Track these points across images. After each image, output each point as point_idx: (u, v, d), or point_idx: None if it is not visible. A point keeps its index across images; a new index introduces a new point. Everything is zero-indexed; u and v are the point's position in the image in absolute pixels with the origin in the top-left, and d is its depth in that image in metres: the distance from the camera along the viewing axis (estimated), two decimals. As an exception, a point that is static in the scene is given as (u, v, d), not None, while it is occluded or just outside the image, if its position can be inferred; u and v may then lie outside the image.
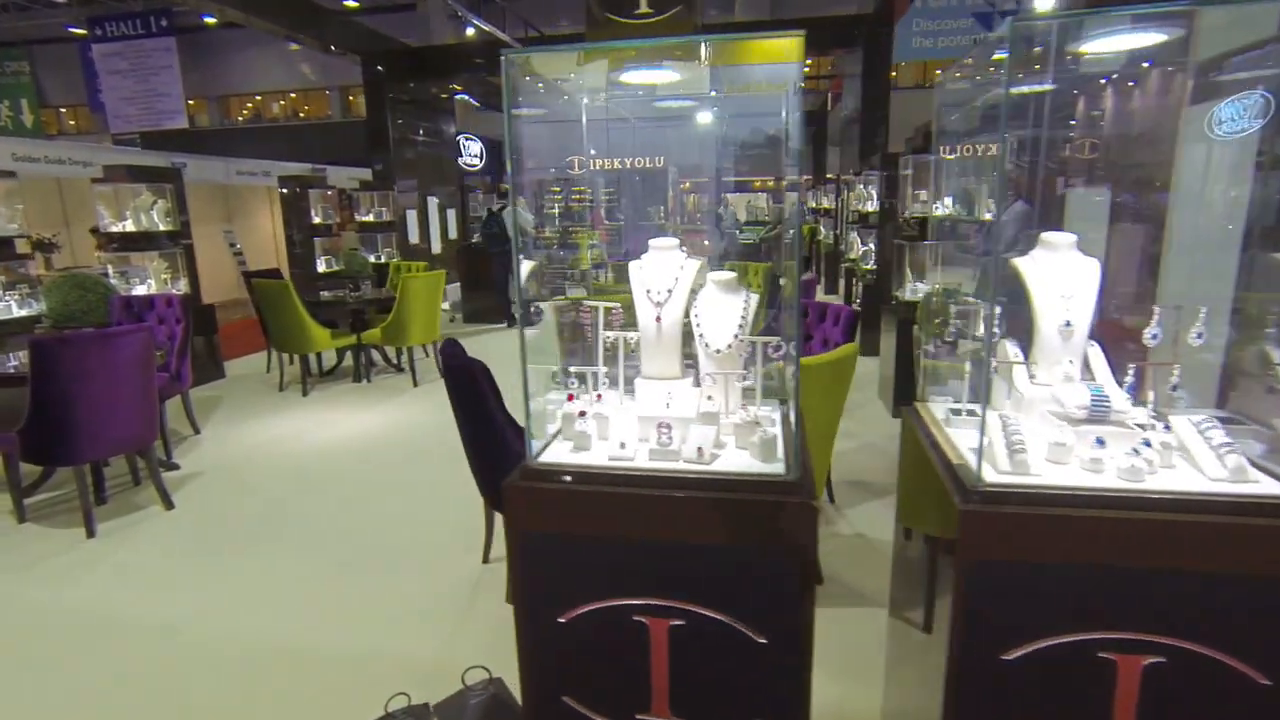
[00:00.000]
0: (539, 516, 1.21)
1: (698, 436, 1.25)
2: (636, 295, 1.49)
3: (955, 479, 1.19)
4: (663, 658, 1.19)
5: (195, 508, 3.89)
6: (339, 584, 3.09)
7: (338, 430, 5.15)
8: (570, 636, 1.23)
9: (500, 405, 2.66)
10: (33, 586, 3.10)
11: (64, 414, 3.39)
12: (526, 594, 1.23)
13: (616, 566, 1.21)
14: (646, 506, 1.18)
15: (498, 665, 2.51)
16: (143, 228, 6.07)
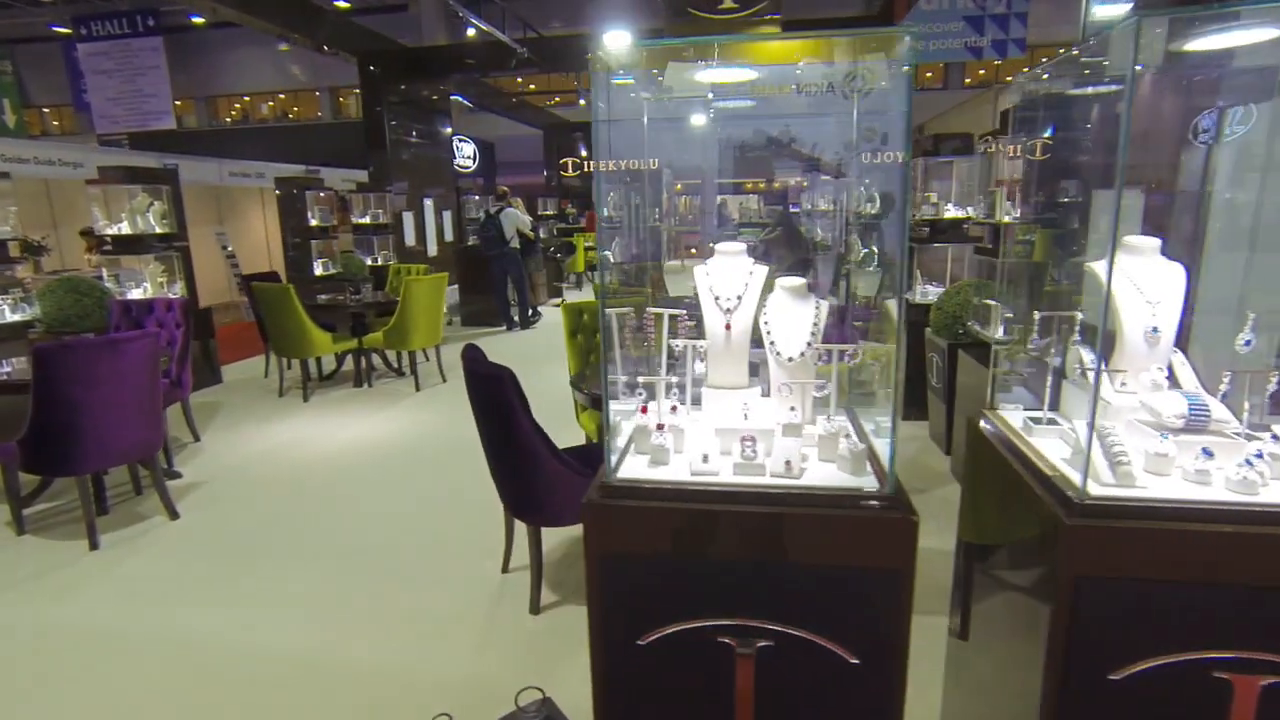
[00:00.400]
0: (619, 535, 1.15)
1: (784, 449, 1.20)
2: (704, 301, 1.43)
3: (1055, 491, 1.14)
4: (748, 681, 1.14)
5: (201, 518, 3.78)
6: (357, 595, 3.00)
7: (342, 436, 5.05)
8: (649, 660, 1.17)
9: (528, 414, 2.59)
10: (38, 602, 2.99)
11: (68, 422, 3.28)
12: (604, 616, 1.16)
13: (701, 586, 1.15)
14: (734, 523, 1.13)
15: (530, 680, 2.45)
16: (138, 230, 5.93)
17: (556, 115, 16.29)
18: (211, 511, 3.86)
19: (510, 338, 8.71)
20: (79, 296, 5.35)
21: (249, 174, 10.93)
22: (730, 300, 1.40)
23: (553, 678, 2.46)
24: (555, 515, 2.80)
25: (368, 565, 3.25)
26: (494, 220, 8.08)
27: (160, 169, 6.33)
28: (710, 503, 1.15)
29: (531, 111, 15.54)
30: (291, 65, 20.65)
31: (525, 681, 2.44)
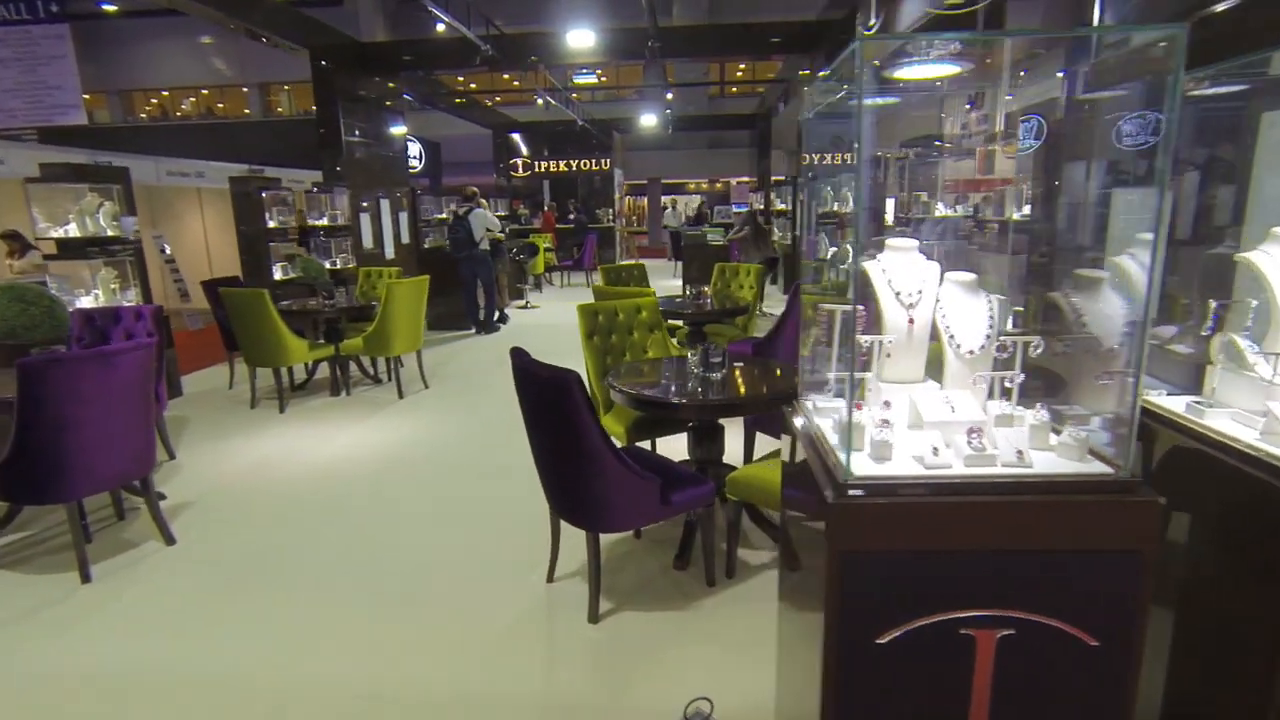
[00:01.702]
0: (862, 533, 1.12)
1: (1009, 439, 1.19)
2: (883, 296, 1.41)
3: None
4: (986, 671, 1.12)
5: (198, 542, 3.51)
6: (393, 620, 2.83)
7: (332, 449, 4.79)
8: (886, 658, 1.14)
9: (596, 418, 2.51)
10: (33, 643, 2.70)
11: (54, 445, 2.98)
12: (840, 616, 1.13)
13: (943, 579, 1.13)
14: (979, 514, 1.11)
15: (616, 690, 2.37)
16: (88, 232, 5.47)
17: (505, 115, 15.99)
18: (207, 534, 3.58)
19: (483, 341, 8.48)
20: (25, 305, 4.86)
21: (188, 173, 10.26)
22: (911, 295, 1.38)
23: (630, 687, 2.39)
24: (619, 521, 2.73)
25: (395, 585, 3.08)
26: (463, 221, 7.84)
27: (111, 167, 5.86)
28: (954, 495, 1.13)
29: (480, 111, 15.21)
30: (215, 59, 19.54)
31: (604, 693, 2.37)
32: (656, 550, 3.30)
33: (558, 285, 13.04)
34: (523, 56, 8.86)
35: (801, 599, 1.42)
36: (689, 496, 2.82)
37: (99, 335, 4.42)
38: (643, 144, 19.16)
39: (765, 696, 2.32)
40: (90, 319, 4.43)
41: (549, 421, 2.62)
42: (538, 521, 3.61)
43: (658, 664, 2.51)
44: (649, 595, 2.95)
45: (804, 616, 1.41)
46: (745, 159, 18.96)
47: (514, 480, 4.17)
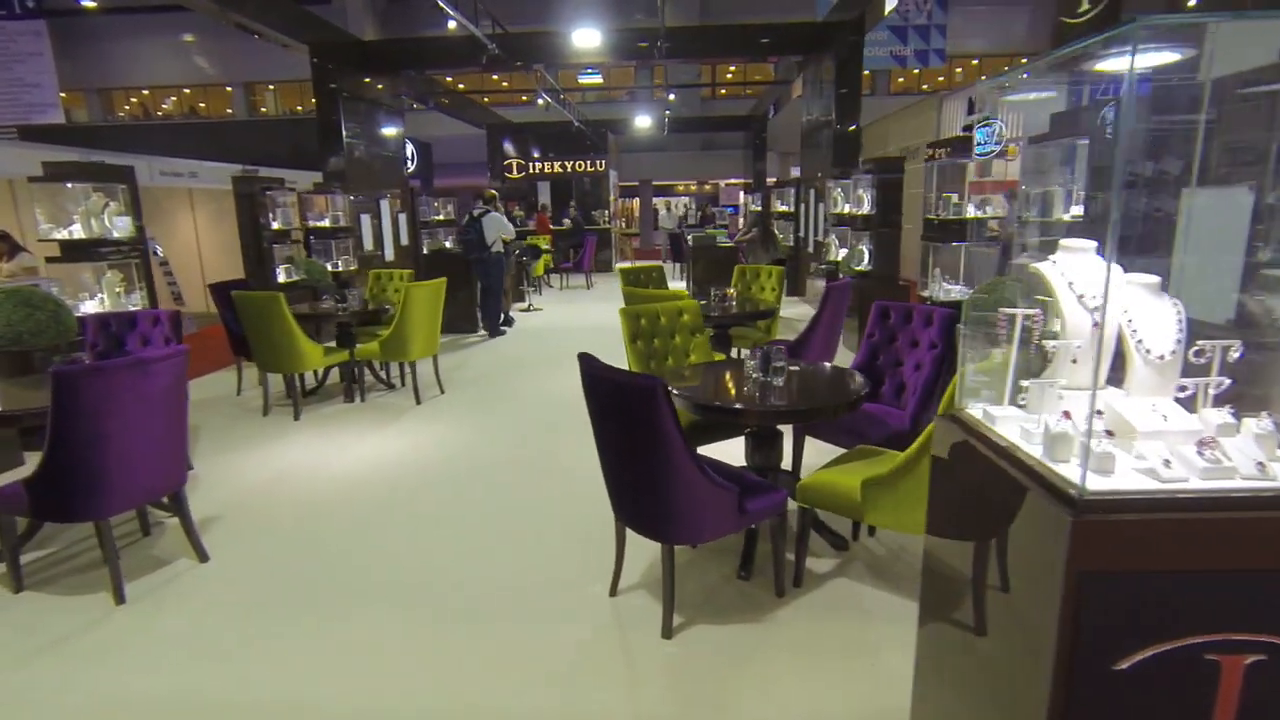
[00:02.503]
0: (1104, 554, 1.04)
1: (1243, 450, 1.12)
2: (1064, 300, 1.33)
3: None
4: (1231, 699, 1.05)
5: (231, 559, 3.35)
6: (452, 637, 2.70)
7: (356, 457, 4.63)
8: (1127, 686, 1.06)
9: (680, 428, 2.41)
10: (74, 671, 2.53)
11: (89, 459, 2.81)
12: (1075, 640, 1.04)
13: (1187, 601, 1.05)
14: (1226, 531, 1.04)
15: (704, 706, 2.28)
16: (94, 234, 5.25)
17: (499, 116, 15.82)
18: (240, 550, 3.42)
19: (492, 344, 8.32)
20: (31, 310, 4.65)
21: (181, 173, 9.98)
22: (1095, 298, 1.31)
23: (720, 703, 2.30)
24: (695, 532, 2.64)
25: (449, 601, 2.95)
26: (476, 223, 7.70)
27: (117, 166, 5.64)
28: (1198, 511, 1.05)
29: (475, 111, 15.02)
30: (197, 57, 19.13)
31: (694, 710, 2.27)
32: (715, 560, 3.21)
33: (557, 288, 12.90)
34: (528, 56, 8.74)
35: (995, 620, 1.32)
36: (763, 505, 2.73)
37: (114, 341, 4.23)
38: (634, 145, 19.09)
39: (876, 707, 2.24)
40: (105, 324, 4.24)
41: (626, 429, 2.52)
42: (589, 531, 3.52)
43: (743, 678, 2.43)
44: (717, 607, 2.86)
45: (992, 640, 1.32)
46: (737, 161, 18.97)
47: (555, 489, 4.06)
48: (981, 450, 1.30)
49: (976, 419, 1.41)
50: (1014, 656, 1.21)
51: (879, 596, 2.91)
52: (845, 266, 7.66)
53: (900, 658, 2.50)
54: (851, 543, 3.34)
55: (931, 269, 5.33)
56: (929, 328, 3.67)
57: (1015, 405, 1.38)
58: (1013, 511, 1.21)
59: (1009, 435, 1.29)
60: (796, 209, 10.52)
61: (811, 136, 9.99)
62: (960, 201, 4.93)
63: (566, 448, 4.76)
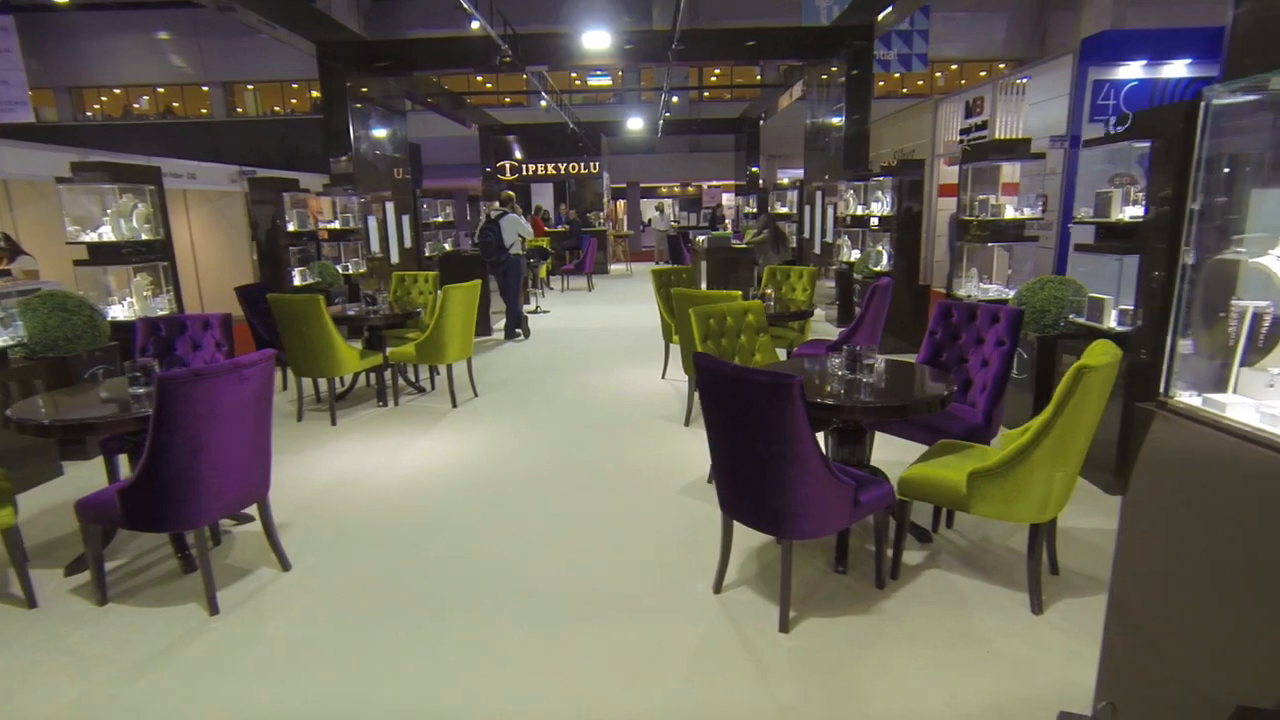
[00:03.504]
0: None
1: None
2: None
3: None
4: None
5: (312, 567, 3.28)
6: (563, 640, 2.69)
7: (407, 462, 4.57)
8: None
9: (810, 424, 2.45)
10: (191, 684, 2.46)
11: (187, 467, 2.74)
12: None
13: None
14: None
15: (846, 698, 2.30)
16: (123, 236, 5.10)
17: (493, 117, 15.70)
18: (318, 559, 3.35)
19: (510, 347, 8.25)
20: (66, 315, 4.53)
21: (180, 174, 9.68)
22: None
23: (860, 694, 2.33)
24: (818, 526, 2.67)
25: (549, 603, 2.93)
26: (494, 226, 7.64)
27: (145, 166, 5.48)
28: None
29: (467, 112, 14.89)
30: (173, 56, 18.62)
31: (836, 703, 2.30)
32: (806, 555, 3.25)
33: (557, 290, 12.84)
34: (540, 57, 8.70)
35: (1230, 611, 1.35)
36: (872, 498, 2.78)
37: (164, 346, 4.12)
38: (621, 148, 19.11)
39: (1010, 696, 2.29)
40: (155, 328, 4.12)
41: (753, 425, 2.54)
42: (671, 531, 3.54)
43: (871, 669, 2.46)
44: (821, 600, 2.90)
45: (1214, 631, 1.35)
46: (725, 163, 19.11)
47: (626, 490, 4.06)
48: (1228, 438, 1.35)
49: (1199, 407, 1.46)
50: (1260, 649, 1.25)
51: (974, 586, 2.98)
52: (862, 267, 7.78)
53: (1017, 645, 2.57)
54: (934, 535, 3.41)
55: (965, 269, 5.45)
56: (995, 325, 3.76)
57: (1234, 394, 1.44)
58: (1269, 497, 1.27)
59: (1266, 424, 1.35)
60: (800, 211, 10.65)
61: (817, 139, 10.12)
62: (999, 202, 5.06)
63: (626, 449, 4.76)
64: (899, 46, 18.55)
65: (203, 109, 19.74)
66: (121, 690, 2.44)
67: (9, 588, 3.11)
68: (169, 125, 18.38)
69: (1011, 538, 3.38)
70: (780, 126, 16.79)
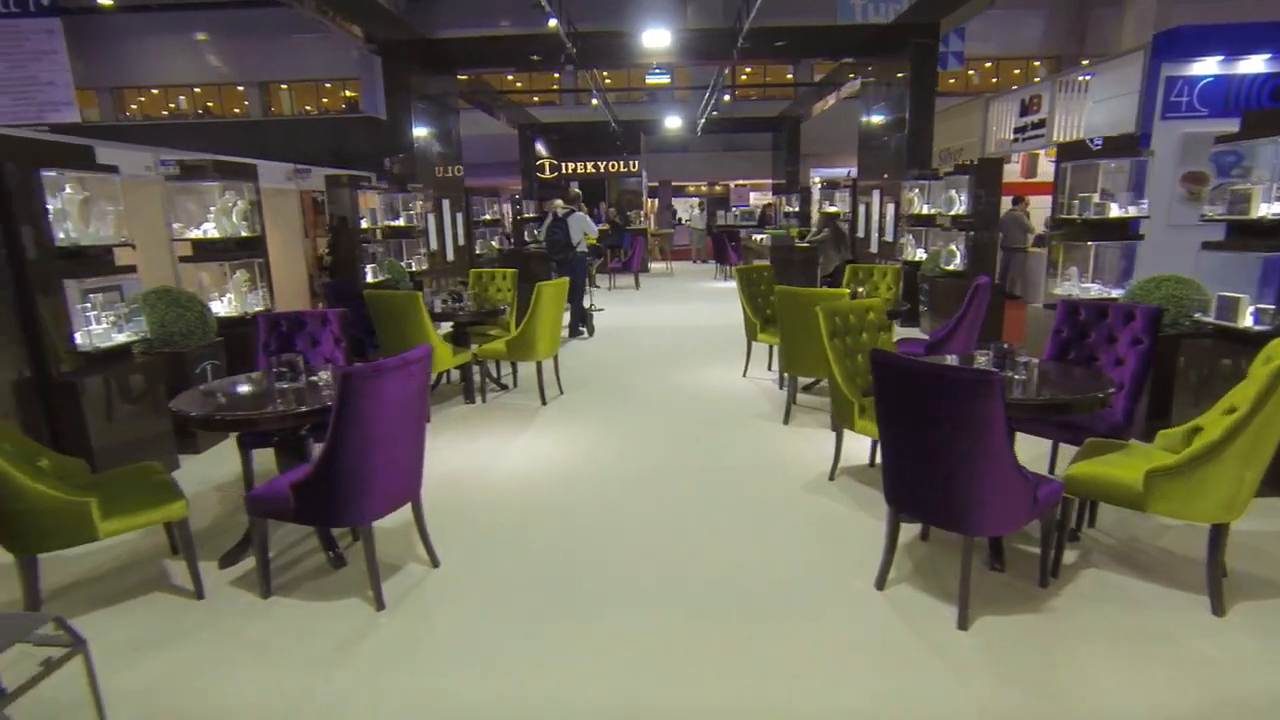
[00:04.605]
0: None
1: None
2: None
3: None
4: None
5: (459, 563, 3.28)
6: (733, 637, 2.67)
7: (516, 459, 4.57)
8: None
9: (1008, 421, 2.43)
10: (387, 677, 2.47)
11: (362, 462, 2.75)
12: None
13: None
14: None
15: (1050, 695, 2.27)
16: (225, 233, 5.13)
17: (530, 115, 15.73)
18: (460, 555, 3.35)
19: (576, 344, 8.25)
20: (181, 310, 4.57)
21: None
22: None
23: (1064, 693, 2.30)
24: (1003, 522, 2.65)
25: (710, 601, 2.91)
26: (562, 224, 7.65)
27: (244, 164, 5.52)
28: None
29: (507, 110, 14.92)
30: (211, 56, 18.77)
31: (1041, 701, 2.27)
32: (953, 553, 3.23)
33: (604, 288, 12.84)
34: (602, 56, 8.70)
35: None
36: (1048, 495, 2.76)
37: (285, 341, 4.14)
38: (655, 146, 19.09)
39: (1217, 698, 2.26)
40: (276, 324, 4.13)
41: (945, 421, 2.52)
42: (806, 526, 3.55)
43: (1062, 667, 2.44)
44: (987, 598, 2.87)
45: None
46: (760, 162, 19.07)
47: (744, 487, 4.06)
48: None
49: None
50: None
51: (1141, 586, 2.95)
52: (931, 266, 7.74)
53: (1206, 647, 2.54)
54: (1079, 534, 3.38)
55: (1062, 268, 5.41)
56: (1129, 324, 3.72)
57: None
58: None
59: None
60: (854, 210, 10.60)
61: (873, 138, 10.07)
62: (1102, 201, 5.01)
63: (731, 447, 4.74)
64: (935, 45, 18.46)
65: (235, 109, 19.89)
66: (313, 682, 2.45)
67: (172, 579, 3.13)
68: (212, 124, 18.49)
69: (1163, 538, 3.35)
70: (816, 126, 16.73)
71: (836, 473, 4.13)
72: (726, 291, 12.72)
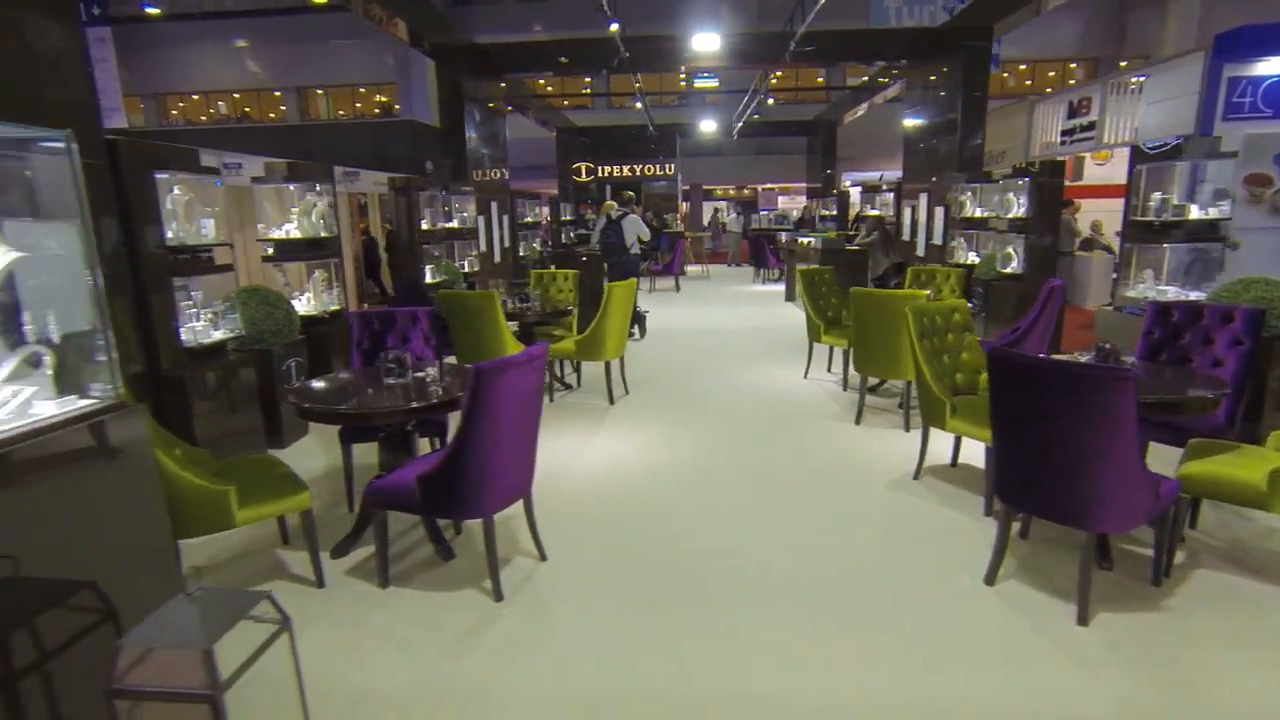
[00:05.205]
0: None
1: None
2: None
3: None
4: None
5: (565, 557, 3.34)
6: (852, 633, 2.69)
7: (595, 457, 4.62)
8: None
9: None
10: (518, 667, 2.53)
11: (489, 455, 2.81)
12: None
13: None
14: None
15: (1181, 698, 2.27)
16: (307, 233, 5.25)
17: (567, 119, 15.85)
18: (563, 549, 3.40)
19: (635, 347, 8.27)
20: (270, 309, 4.68)
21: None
22: None
23: (1203, 692, 2.31)
24: (1127, 518, 2.66)
25: (822, 598, 2.94)
26: (616, 226, 7.72)
27: (322, 166, 5.64)
28: None
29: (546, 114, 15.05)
30: (249, 62, 19.11)
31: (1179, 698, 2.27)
32: (1055, 551, 3.23)
33: (644, 290, 12.88)
34: (654, 60, 8.77)
35: None
36: (1168, 493, 2.76)
37: (376, 339, 4.22)
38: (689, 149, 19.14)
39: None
40: (369, 321, 4.22)
41: (1073, 417, 2.54)
42: (897, 524, 3.58)
43: (1196, 667, 2.44)
44: (1100, 596, 2.85)
45: None
46: (792, 165, 19.05)
47: (827, 486, 4.08)
48: None
49: None
50: None
51: (1258, 587, 2.93)
52: (987, 269, 7.70)
53: (1348, 648, 2.52)
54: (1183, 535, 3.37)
55: (1134, 270, 5.38)
56: (1228, 325, 3.71)
57: None
58: None
59: None
60: (897, 213, 10.57)
61: (919, 140, 10.06)
62: (1182, 203, 4.98)
63: (805, 447, 4.77)
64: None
65: (271, 114, 20.22)
66: (450, 670, 2.51)
67: (290, 568, 3.22)
68: (254, 129, 18.82)
69: (1271, 539, 3.33)
70: (848, 130, 16.70)
71: (921, 472, 4.14)
72: (766, 295, 12.72)
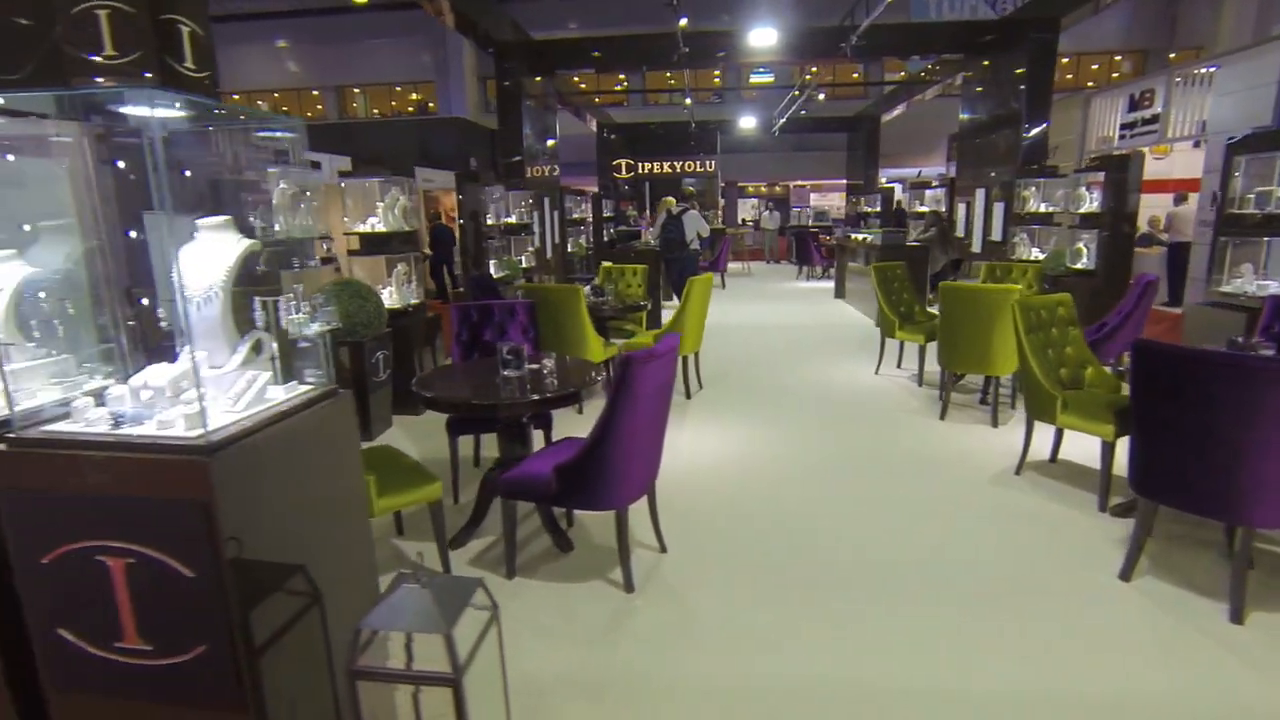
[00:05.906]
0: None
1: None
2: None
3: None
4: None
5: (684, 549, 3.33)
6: (993, 625, 2.67)
7: (687, 450, 4.61)
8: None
9: None
10: (664, 656, 2.53)
11: (627, 446, 2.81)
12: None
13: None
14: None
15: None
16: (391, 228, 5.30)
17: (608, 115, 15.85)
18: (680, 541, 3.40)
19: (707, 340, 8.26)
20: (362, 301, 4.73)
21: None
22: None
23: None
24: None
25: (961, 590, 2.92)
26: (677, 222, 7.72)
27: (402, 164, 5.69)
28: None
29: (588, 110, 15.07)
30: (289, 62, 19.34)
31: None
32: (1185, 545, 3.18)
33: (687, 287, 12.86)
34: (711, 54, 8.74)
35: None
36: (1322, 493, 2.69)
37: (474, 332, 4.25)
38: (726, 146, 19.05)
39: None
40: (467, 314, 4.25)
41: (1236, 410, 2.49)
42: (1010, 518, 3.55)
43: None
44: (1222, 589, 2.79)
45: None
46: (829, 162, 18.88)
47: (926, 481, 4.05)
48: None
49: None
50: None
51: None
52: (1054, 265, 7.59)
53: None
54: None
55: (1229, 265, 5.27)
56: (1353, 319, 3.61)
57: None
58: None
59: None
60: (950, 208, 10.45)
61: (976, 135, 9.92)
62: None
63: (894, 442, 4.73)
64: None
65: (308, 113, 20.44)
66: (603, 658, 2.52)
67: (409, 558, 3.24)
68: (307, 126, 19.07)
69: None
70: (887, 126, 16.52)
71: (1022, 467, 4.09)
72: (814, 292, 12.65)
